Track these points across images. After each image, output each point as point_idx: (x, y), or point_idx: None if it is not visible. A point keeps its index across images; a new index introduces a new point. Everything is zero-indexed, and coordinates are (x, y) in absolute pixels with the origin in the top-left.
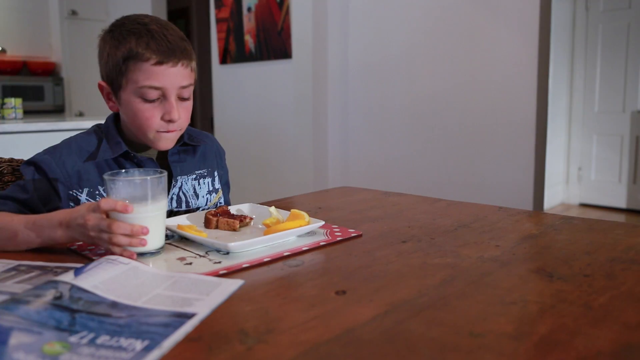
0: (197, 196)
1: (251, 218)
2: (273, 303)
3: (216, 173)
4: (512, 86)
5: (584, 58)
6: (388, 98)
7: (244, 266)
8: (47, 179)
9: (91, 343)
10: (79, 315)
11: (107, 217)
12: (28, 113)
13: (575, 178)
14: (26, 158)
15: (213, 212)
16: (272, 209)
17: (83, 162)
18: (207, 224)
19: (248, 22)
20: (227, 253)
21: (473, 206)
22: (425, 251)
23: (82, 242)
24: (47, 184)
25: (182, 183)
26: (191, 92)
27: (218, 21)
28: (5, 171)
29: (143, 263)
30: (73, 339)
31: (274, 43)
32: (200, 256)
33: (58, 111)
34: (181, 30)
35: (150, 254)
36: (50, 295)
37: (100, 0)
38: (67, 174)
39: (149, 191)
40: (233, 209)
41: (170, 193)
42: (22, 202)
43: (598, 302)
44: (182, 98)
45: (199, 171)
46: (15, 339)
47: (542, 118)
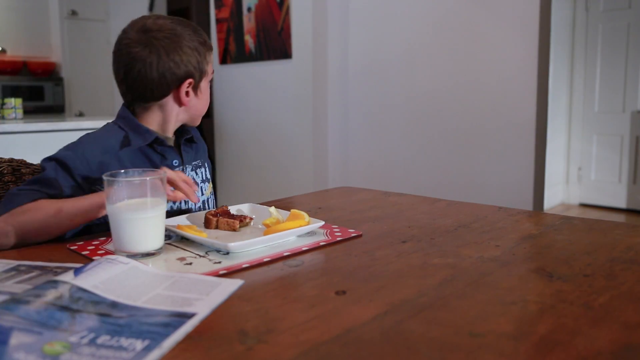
0: (197, 184)
1: (251, 218)
2: (273, 303)
3: (206, 164)
4: (512, 86)
5: (584, 58)
6: (388, 98)
7: (244, 266)
8: (72, 176)
9: (91, 343)
10: (79, 315)
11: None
12: (28, 113)
13: (575, 178)
14: (26, 158)
15: (213, 212)
16: (272, 209)
17: (118, 150)
18: (207, 224)
19: (248, 22)
20: (227, 253)
21: (473, 206)
22: (425, 251)
23: None
24: (72, 180)
25: (187, 171)
26: None
27: (218, 21)
28: (5, 171)
29: (143, 263)
30: (73, 339)
31: (274, 43)
32: (200, 256)
33: (58, 111)
34: None
35: (149, 254)
36: (50, 295)
37: (100, 0)
38: (90, 169)
39: (148, 191)
40: (233, 209)
41: None
42: (52, 196)
43: (598, 302)
44: None
45: (195, 162)
46: (15, 339)
47: (542, 118)
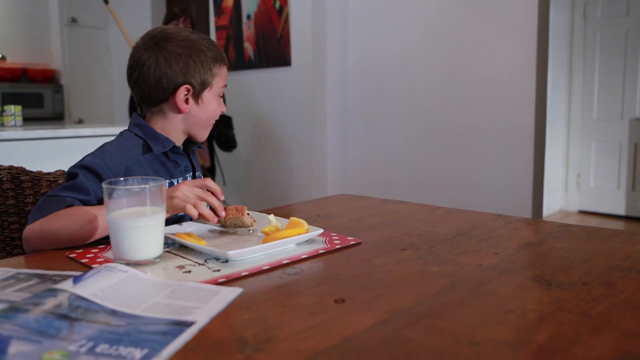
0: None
1: (254, 220)
2: (272, 311)
3: (198, 173)
4: (511, 93)
5: (582, 65)
6: (387, 105)
7: (243, 274)
8: (101, 182)
9: (90, 351)
10: (78, 323)
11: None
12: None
13: (574, 185)
14: (26, 166)
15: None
16: (271, 217)
17: (138, 159)
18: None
19: (247, 30)
20: (226, 261)
21: (472, 214)
22: (424, 259)
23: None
24: (101, 187)
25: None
26: None
27: (217, 29)
28: (4, 179)
29: (142, 271)
30: (72, 348)
31: (273, 50)
32: (199, 264)
33: (57, 118)
34: None
35: (149, 262)
36: (49, 303)
37: (100, 8)
38: (118, 176)
39: (148, 199)
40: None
41: None
42: (83, 203)
43: (596, 311)
44: None
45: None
46: (14, 348)
47: (541, 125)
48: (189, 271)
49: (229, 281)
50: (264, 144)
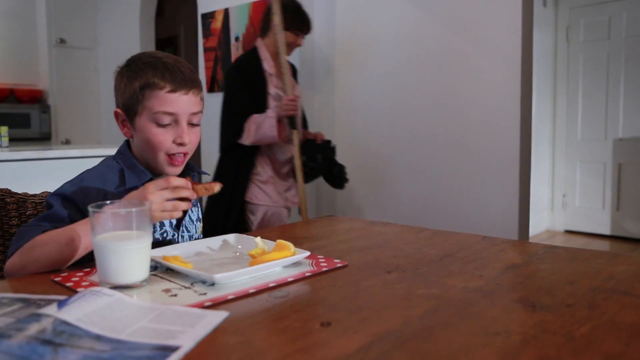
0: (192, 221)
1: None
2: (258, 335)
3: (199, 204)
4: (496, 115)
5: (566, 87)
6: (374, 129)
7: (230, 297)
8: (79, 211)
9: None
10: (62, 349)
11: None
12: (14, 141)
13: (560, 205)
14: (11, 187)
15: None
16: (258, 239)
17: (112, 191)
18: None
19: (236, 52)
20: (213, 284)
21: (458, 235)
22: (410, 281)
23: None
24: (80, 216)
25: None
26: (200, 119)
27: (206, 50)
28: None
29: (128, 295)
30: None
31: None
32: (185, 287)
33: (44, 139)
34: None
35: (135, 286)
36: (33, 328)
37: (88, 28)
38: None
39: (134, 223)
40: (219, 240)
41: (184, 220)
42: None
43: (580, 332)
44: (192, 124)
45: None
46: None
47: (526, 145)
48: (175, 295)
49: (215, 305)
50: None
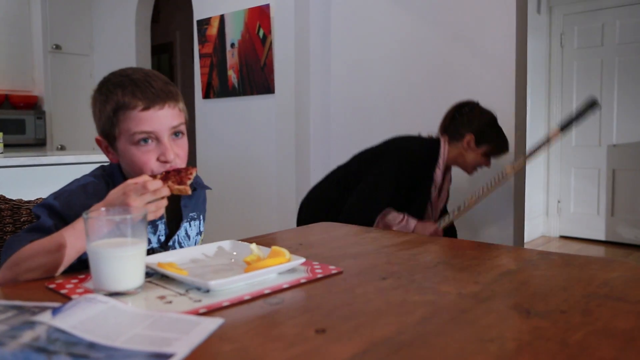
0: (189, 237)
1: (194, 168)
2: (253, 342)
3: (202, 217)
4: None
5: (560, 93)
6: (369, 135)
7: (224, 304)
8: (65, 223)
9: None
10: (56, 356)
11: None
12: (9, 146)
13: (555, 210)
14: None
15: (162, 176)
16: (253, 246)
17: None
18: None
19: (231, 58)
20: (208, 291)
21: (453, 242)
22: (405, 288)
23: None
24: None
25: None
26: (184, 129)
27: (201, 56)
28: None
29: (122, 302)
30: None
31: (257, 78)
32: (180, 294)
33: (39, 145)
34: (165, 64)
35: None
36: (26, 336)
37: (84, 35)
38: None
39: (129, 230)
40: (214, 247)
41: (174, 236)
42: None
43: (574, 339)
44: (176, 135)
45: (192, 214)
46: None
47: (521, 151)
48: (170, 302)
49: (210, 311)
50: (247, 172)
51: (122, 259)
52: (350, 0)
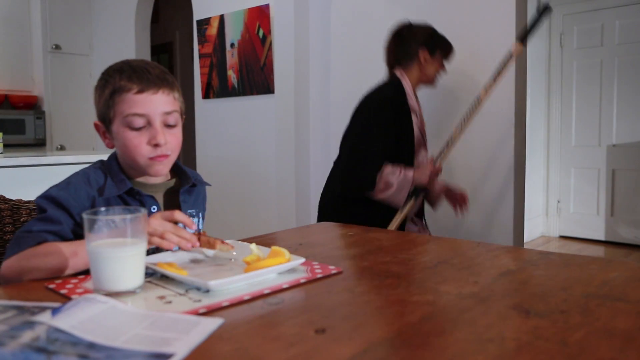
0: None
1: (232, 246)
2: (252, 342)
3: (201, 214)
4: (491, 121)
5: (560, 93)
6: None
7: (224, 304)
8: (69, 214)
9: None
10: (56, 356)
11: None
12: (8, 146)
13: (554, 210)
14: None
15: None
16: (253, 246)
17: (96, 193)
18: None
19: (231, 58)
20: (207, 291)
21: (452, 242)
22: (404, 288)
23: None
24: (71, 219)
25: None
26: (177, 120)
27: (201, 56)
28: None
29: (122, 302)
30: None
31: (257, 78)
32: (180, 294)
33: (39, 145)
34: (165, 64)
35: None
36: (26, 336)
37: (84, 35)
38: (84, 207)
39: (129, 230)
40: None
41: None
42: (55, 233)
43: (573, 339)
44: (168, 125)
45: (190, 211)
46: None
47: (521, 152)
48: (170, 302)
49: (210, 312)
50: (247, 172)
51: (122, 259)
52: (350, 0)
